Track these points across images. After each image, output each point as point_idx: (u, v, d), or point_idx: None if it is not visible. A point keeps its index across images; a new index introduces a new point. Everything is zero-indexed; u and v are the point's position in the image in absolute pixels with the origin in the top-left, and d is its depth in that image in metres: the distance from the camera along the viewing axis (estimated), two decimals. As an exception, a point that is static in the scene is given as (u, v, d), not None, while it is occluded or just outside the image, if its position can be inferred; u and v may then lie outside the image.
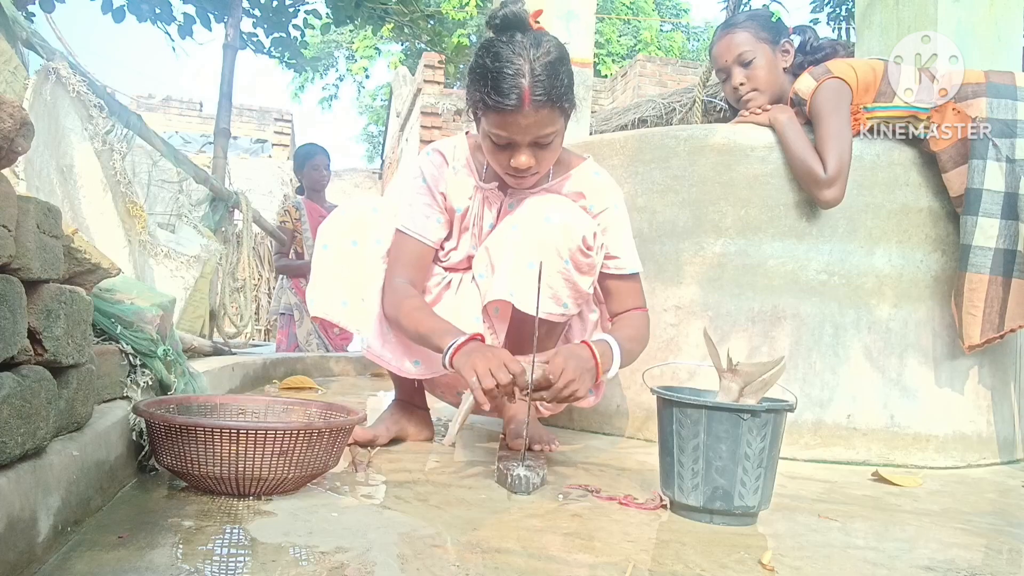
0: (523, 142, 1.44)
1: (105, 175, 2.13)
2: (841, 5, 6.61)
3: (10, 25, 1.82)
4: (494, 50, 1.42)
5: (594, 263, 1.53)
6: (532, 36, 1.43)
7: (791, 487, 1.51)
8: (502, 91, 1.38)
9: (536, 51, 1.40)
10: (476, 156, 1.64)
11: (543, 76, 1.39)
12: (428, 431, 1.77)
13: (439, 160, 1.64)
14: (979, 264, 1.80)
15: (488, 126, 1.45)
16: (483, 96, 1.41)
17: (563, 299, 1.52)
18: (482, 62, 1.43)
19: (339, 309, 1.67)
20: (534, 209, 1.52)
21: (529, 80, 1.38)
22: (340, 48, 19.00)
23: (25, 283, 0.83)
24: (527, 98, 1.38)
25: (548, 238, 1.47)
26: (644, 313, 1.64)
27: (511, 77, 1.38)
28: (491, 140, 1.47)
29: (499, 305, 1.53)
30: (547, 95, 1.39)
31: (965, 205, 1.82)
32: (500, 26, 1.44)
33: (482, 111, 1.45)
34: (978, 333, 1.80)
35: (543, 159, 1.49)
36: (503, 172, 1.53)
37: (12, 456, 0.77)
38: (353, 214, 1.71)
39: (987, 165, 1.79)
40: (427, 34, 6.14)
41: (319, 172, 4.32)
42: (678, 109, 5.97)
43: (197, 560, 0.87)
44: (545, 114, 1.41)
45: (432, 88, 10.72)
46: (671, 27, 18.12)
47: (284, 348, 4.25)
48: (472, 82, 1.46)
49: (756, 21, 2.04)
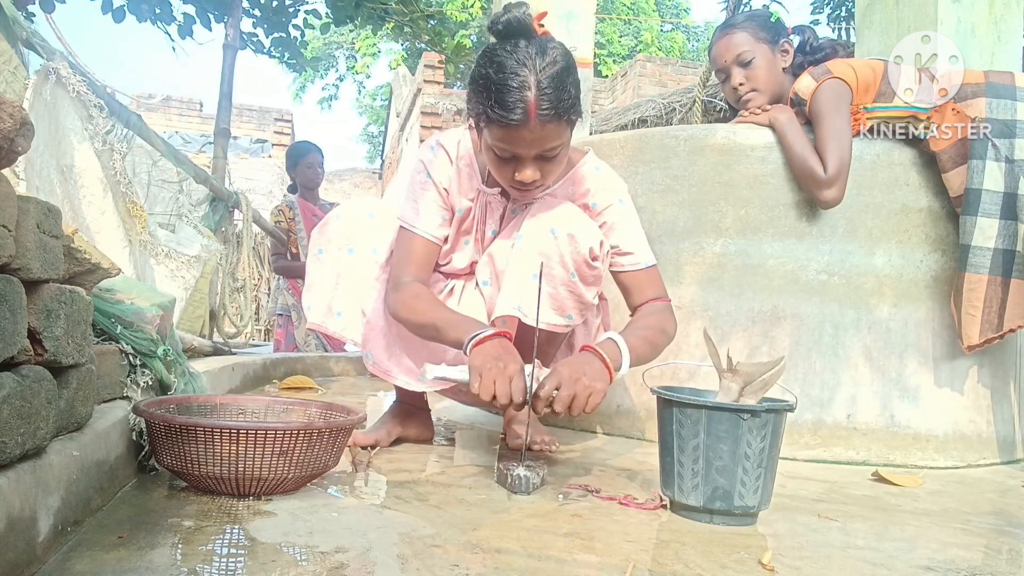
0: (528, 156, 1.37)
1: (105, 175, 2.13)
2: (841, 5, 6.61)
3: (10, 25, 1.82)
4: (497, 60, 1.34)
5: (600, 273, 1.51)
6: (537, 43, 1.35)
7: (791, 487, 1.51)
8: (506, 105, 1.31)
9: (542, 61, 1.32)
10: (478, 157, 1.58)
11: (549, 89, 1.31)
12: (429, 432, 1.77)
13: (443, 155, 1.58)
14: (978, 264, 1.80)
15: (491, 139, 1.38)
16: (486, 109, 1.34)
17: (568, 310, 1.51)
18: (485, 72, 1.35)
19: (334, 320, 1.65)
20: (539, 219, 1.48)
21: (535, 93, 1.30)
22: (340, 48, 19.01)
23: (25, 283, 0.83)
24: (533, 113, 1.30)
25: (554, 251, 1.44)
26: (666, 303, 1.56)
27: (516, 90, 1.30)
28: (495, 153, 1.40)
29: (506, 318, 1.50)
30: (554, 109, 1.31)
31: (964, 205, 1.82)
32: (503, 33, 1.36)
33: (484, 123, 1.38)
34: (977, 333, 1.80)
35: (549, 172, 1.42)
36: (507, 185, 1.47)
37: (12, 456, 0.77)
38: (349, 220, 1.68)
39: (986, 165, 1.79)
40: (427, 34, 6.14)
41: (313, 170, 4.31)
42: (678, 109, 5.97)
43: (197, 560, 0.87)
44: (551, 128, 1.33)
45: (432, 88, 10.72)
46: (671, 27, 18.13)
47: (282, 349, 4.24)
48: (474, 92, 1.38)
49: (755, 21, 2.04)
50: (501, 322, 1.52)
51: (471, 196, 1.60)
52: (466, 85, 1.54)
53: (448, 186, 1.58)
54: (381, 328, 1.60)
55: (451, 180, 1.58)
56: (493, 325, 1.45)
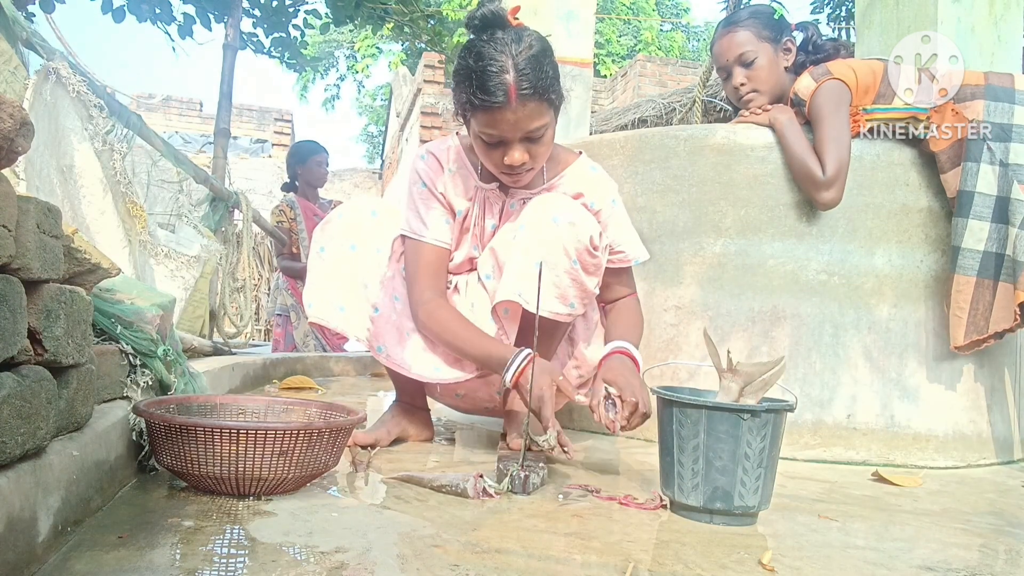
0: (514, 138, 1.44)
1: (105, 175, 2.13)
2: (841, 5, 6.61)
3: (10, 25, 1.82)
4: (476, 50, 1.42)
5: (600, 263, 1.54)
6: (513, 32, 1.43)
7: (791, 487, 1.51)
8: (488, 89, 1.39)
9: (518, 46, 1.41)
10: (470, 156, 1.64)
11: (527, 70, 1.39)
12: (429, 432, 1.77)
13: (434, 163, 1.64)
14: (967, 266, 1.80)
15: (478, 126, 1.45)
16: (470, 96, 1.42)
17: (570, 299, 1.52)
18: (465, 63, 1.43)
19: (337, 315, 1.66)
20: (540, 209, 1.52)
21: (514, 75, 1.38)
22: (340, 48, 19.01)
23: (25, 283, 0.83)
24: (513, 93, 1.38)
25: (555, 238, 1.47)
26: (636, 298, 1.70)
27: (495, 74, 1.38)
28: (482, 140, 1.47)
29: (508, 306, 1.53)
30: (533, 88, 1.39)
31: (957, 207, 1.83)
32: (480, 26, 1.44)
33: (470, 112, 1.45)
34: (962, 335, 1.81)
35: (537, 154, 1.49)
36: (498, 171, 1.53)
37: (12, 456, 0.77)
38: (350, 218, 1.70)
39: (980, 168, 1.79)
40: (427, 34, 6.13)
41: (322, 168, 4.31)
42: (678, 109, 5.97)
43: (197, 560, 0.87)
44: (533, 107, 1.41)
45: (432, 88, 10.72)
46: (671, 27, 18.12)
47: (281, 349, 4.24)
48: (458, 84, 1.46)
49: (758, 19, 2.02)
50: (503, 309, 1.54)
51: (469, 196, 1.64)
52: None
53: (444, 191, 1.63)
54: (393, 322, 1.61)
55: (446, 185, 1.63)
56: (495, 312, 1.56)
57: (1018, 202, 1.75)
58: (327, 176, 4.39)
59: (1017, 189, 1.76)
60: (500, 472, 1.36)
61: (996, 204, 1.78)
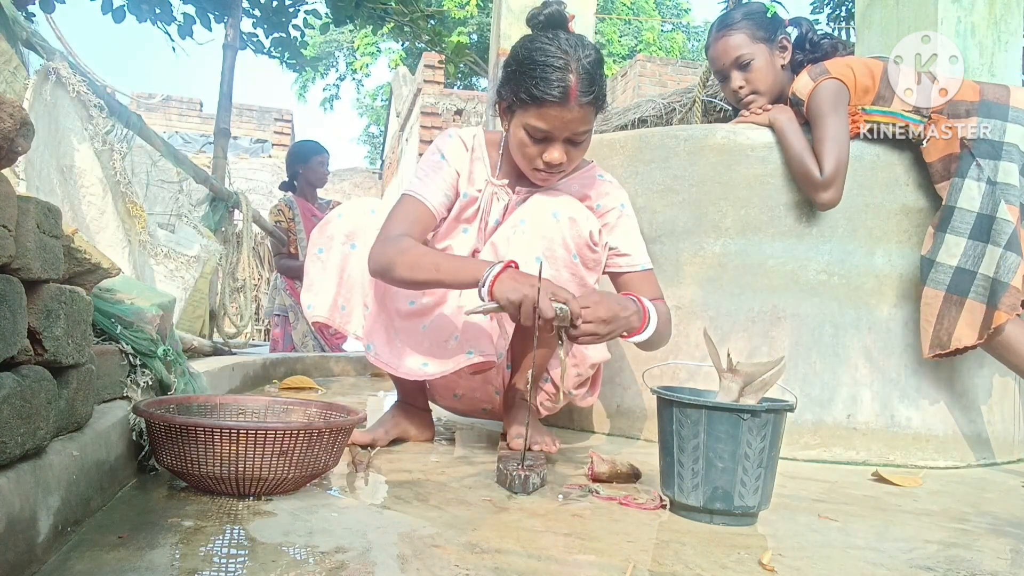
0: (559, 137, 1.46)
1: (105, 175, 2.13)
2: (841, 5, 6.61)
3: (10, 25, 1.82)
4: (539, 44, 1.45)
5: (599, 259, 1.55)
6: (576, 37, 1.48)
7: (791, 487, 1.51)
8: (550, 83, 1.41)
9: (583, 51, 1.44)
10: (491, 151, 1.66)
11: (589, 74, 1.43)
12: (429, 432, 1.77)
13: (458, 142, 1.66)
14: (939, 280, 1.79)
15: (527, 119, 1.46)
16: (528, 87, 1.43)
17: None
18: (527, 55, 1.45)
19: (338, 314, 1.66)
20: (541, 205, 1.53)
21: (576, 76, 1.41)
22: (340, 48, 19.01)
23: (25, 283, 0.83)
24: (574, 93, 1.41)
25: (556, 232, 1.49)
26: (665, 303, 1.63)
27: (559, 71, 1.41)
28: (527, 133, 1.48)
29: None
30: (591, 93, 1.43)
31: (939, 221, 1.82)
32: (544, 23, 1.50)
33: (520, 104, 1.46)
34: (927, 347, 1.80)
35: (573, 157, 1.51)
36: (529, 168, 1.53)
37: (12, 456, 0.77)
38: (350, 217, 1.69)
39: (965, 184, 1.79)
40: (427, 34, 6.13)
41: (324, 168, 4.31)
42: (678, 109, 5.97)
43: (197, 560, 0.87)
44: (586, 111, 1.44)
45: (432, 88, 10.73)
46: (672, 27, 18.13)
47: (280, 349, 4.23)
48: (514, 75, 1.47)
49: (752, 20, 1.99)
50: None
51: (478, 187, 1.65)
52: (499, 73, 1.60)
53: (460, 169, 1.64)
54: (382, 320, 1.62)
55: (463, 165, 1.65)
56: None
57: (1004, 222, 1.73)
58: (328, 176, 4.39)
59: (1004, 208, 1.74)
60: (500, 472, 1.36)
61: (976, 221, 1.77)
